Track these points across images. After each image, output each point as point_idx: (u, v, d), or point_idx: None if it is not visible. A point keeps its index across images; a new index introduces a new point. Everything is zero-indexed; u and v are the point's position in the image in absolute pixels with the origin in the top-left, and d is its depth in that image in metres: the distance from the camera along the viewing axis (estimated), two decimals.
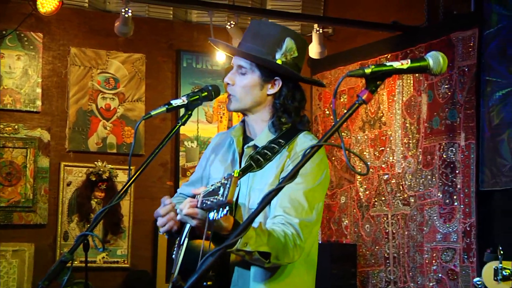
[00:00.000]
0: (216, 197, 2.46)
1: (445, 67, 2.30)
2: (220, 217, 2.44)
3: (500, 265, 4.87)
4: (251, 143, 3.02)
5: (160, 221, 2.98)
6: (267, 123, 3.04)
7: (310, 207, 2.84)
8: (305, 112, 3.10)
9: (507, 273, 4.85)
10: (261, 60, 2.99)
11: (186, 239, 2.94)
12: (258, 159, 2.92)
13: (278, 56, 2.99)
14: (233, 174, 2.43)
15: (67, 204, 6.89)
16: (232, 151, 3.12)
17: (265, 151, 2.94)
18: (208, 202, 2.50)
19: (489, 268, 5.00)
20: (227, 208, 2.41)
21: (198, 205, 2.59)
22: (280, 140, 2.97)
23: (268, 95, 3.03)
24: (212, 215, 2.48)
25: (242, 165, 2.96)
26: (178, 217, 2.74)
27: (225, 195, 2.40)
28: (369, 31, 7.16)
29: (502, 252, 4.90)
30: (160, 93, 7.36)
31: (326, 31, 7.51)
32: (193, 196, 2.71)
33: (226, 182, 2.43)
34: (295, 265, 2.90)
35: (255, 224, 2.65)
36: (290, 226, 2.78)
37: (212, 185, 2.55)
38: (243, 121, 3.15)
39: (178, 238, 3.03)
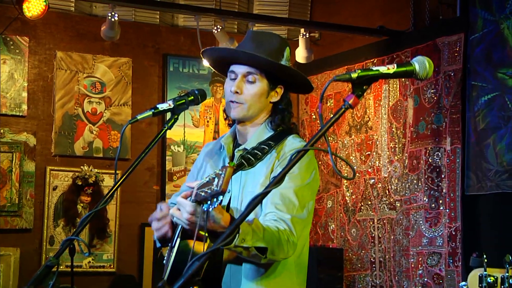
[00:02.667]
0: (210, 187, 2.45)
1: (431, 72, 2.31)
2: (214, 207, 2.43)
3: (485, 272, 4.87)
4: (241, 147, 3.04)
5: (155, 225, 2.98)
6: (261, 125, 3.06)
7: (301, 205, 2.86)
8: (292, 117, 3.15)
9: (492, 280, 4.86)
10: (281, 67, 3.02)
11: (178, 239, 2.92)
12: (249, 158, 2.96)
13: (283, 63, 3.05)
14: (228, 165, 2.43)
15: (53, 208, 6.87)
16: (222, 157, 3.13)
17: (256, 151, 2.98)
18: (203, 194, 2.48)
19: (474, 276, 5.00)
20: (221, 197, 2.41)
21: (193, 197, 2.57)
22: (270, 142, 3.00)
23: (270, 102, 3.06)
24: (206, 206, 2.46)
25: None
26: (170, 211, 2.73)
27: (219, 185, 2.39)
28: (355, 35, 7.18)
29: (486, 259, 4.89)
30: (146, 97, 7.35)
31: (312, 35, 7.52)
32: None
33: (221, 172, 2.42)
34: (286, 265, 2.92)
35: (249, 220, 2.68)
36: (283, 222, 2.80)
37: (207, 177, 2.53)
38: (234, 129, 3.16)
39: (170, 243, 3.00)
